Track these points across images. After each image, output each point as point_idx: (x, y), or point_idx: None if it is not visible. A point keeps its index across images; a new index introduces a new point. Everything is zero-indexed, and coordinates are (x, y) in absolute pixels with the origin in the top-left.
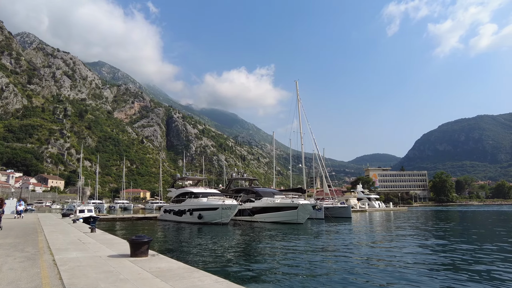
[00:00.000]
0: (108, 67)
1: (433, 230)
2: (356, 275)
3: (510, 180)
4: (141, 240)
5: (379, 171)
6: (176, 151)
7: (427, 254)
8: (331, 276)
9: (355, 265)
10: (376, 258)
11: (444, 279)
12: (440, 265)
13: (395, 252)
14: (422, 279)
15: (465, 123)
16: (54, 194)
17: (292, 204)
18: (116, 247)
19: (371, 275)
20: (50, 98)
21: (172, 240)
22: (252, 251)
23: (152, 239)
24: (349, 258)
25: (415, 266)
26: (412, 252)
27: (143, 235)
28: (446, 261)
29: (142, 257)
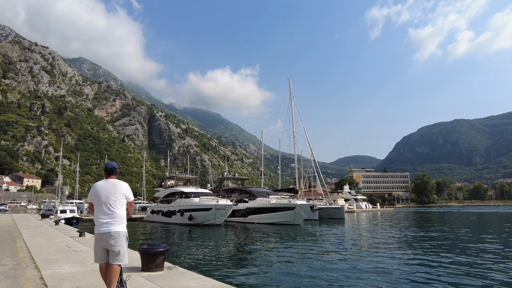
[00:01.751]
0: (89, 64)
1: (434, 232)
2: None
3: (484, 182)
4: (155, 249)
5: (362, 172)
6: (158, 151)
7: (441, 257)
8: (337, 283)
9: (365, 271)
10: (387, 263)
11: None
12: (455, 268)
13: (403, 255)
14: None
15: (443, 126)
16: (30, 194)
17: (289, 204)
18: None
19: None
20: (27, 93)
21: (158, 241)
22: (252, 255)
23: (169, 248)
24: (358, 264)
25: (427, 270)
26: (422, 254)
27: (156, 242)
28: (460, 263)
29: (158, 271)
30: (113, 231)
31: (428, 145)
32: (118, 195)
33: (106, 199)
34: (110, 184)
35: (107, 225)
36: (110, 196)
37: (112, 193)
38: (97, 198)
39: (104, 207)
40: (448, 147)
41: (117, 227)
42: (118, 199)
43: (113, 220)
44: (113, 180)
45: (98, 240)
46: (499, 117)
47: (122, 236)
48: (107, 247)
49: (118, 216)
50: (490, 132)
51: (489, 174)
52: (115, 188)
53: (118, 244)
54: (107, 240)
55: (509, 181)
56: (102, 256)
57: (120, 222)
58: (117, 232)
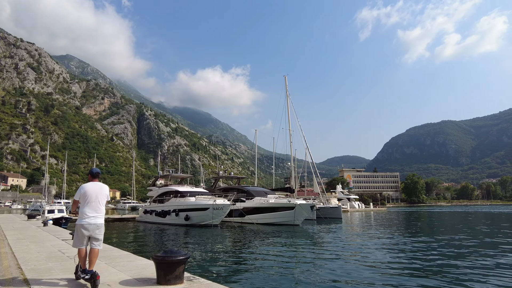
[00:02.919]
0: (77, 61)
1: (435, 232)
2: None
3: (470, 182)
4: (174, 258)
5: (353, 172)
6: (148, 150)
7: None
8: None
9: (375, 275)
10: (397, 266)
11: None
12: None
13: (413, 258)
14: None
15: (430, 127)
16: (15, 193)
17: (288, 204)
18: (121, 263)
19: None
20: (12, 90)
21: (157, 245)
22: (257, 258)
23: (190, 255)
24: (367, 267)
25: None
26: (433, 256)
27: (174, 249)
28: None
29: (177, 284)
30: (99, 223)
31: (416, 145)
32: (104, 196)
33: (96, 198)
34: (98, 186)
35: (94, 218)
36: (99, 196)
37: (100, 193)
38: (87, 197)
39: (93, 205)
40: (436, 148)
41: (101, 220)
42: (104, 198)
43: (99, 214)
44: (99, 183)
45: (85, 229)
46: (484, 119)
47: (103, 227)
48: (92, 235)
49: (102, 211)
50: (476, 133)
51: (475, 174)
52: (102, 190)
53: (101, 233)
54: (93, 230)
55: (493, 181)
56: (85, 242)
57: (103, 216)
58: (101, 223)
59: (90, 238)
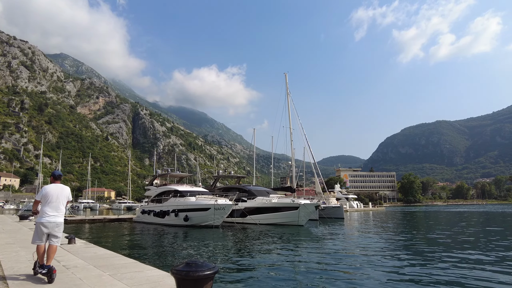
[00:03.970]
0: (71, 60)
1: (442, 232)
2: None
3: (464, 181)
4: (202, 273)
5: (350, 172)
6: (143, 149)
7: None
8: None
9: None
10: (411, 268)
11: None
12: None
13: (426, 259)
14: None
15: (425, 127)
16: (8, 193)
17: (292, 204)
18: (128, 275)
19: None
20: (5, 89)
21: (160, 247)
22: (261, 260)
23: (218, 268)
24: (382, 271)
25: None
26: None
27: (199, 260)
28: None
29: None
30: (58, 221)
31: (411, 145)
32: (64, 196)
33: (56, 199)
34: (59, 187)
35: (54, 217)
36: (59, 196)
37: (61, 194)
38: (49, 198)
39: (54, 204)
40: (430, 148)
41: (61, 219)
42: (64, 199)
43: (58, 214)
44: (60, 184)
45: (45, 226)
46: (478, 119)
47: (62, 225)
48: (51, 232)
49: (62, 211)
50: (470, 133)
51: (469, 174)
52: (63, 191)
53: (60, 231)
54: (53, 228)
55: (487, 180)
56: (44, 238)
57: (62, 215)
58: (61, 222)
59: (49, 235)
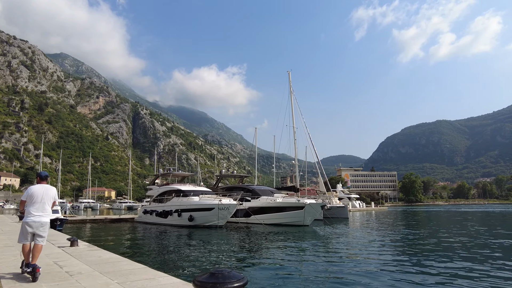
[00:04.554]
0: (71, 60)
1: (452, 232)
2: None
3: (465, 181)
4: (230, 285)
5: (351, 171)
6: (143, 149)
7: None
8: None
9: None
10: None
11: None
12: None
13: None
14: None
15: (425, 127)
16: (8, 193)
17: (298, 204)
18: (138, 283)
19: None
20: (5, 89)
21: (166, 249)
22: (267, 261)
23: (247, 279)
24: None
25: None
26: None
27: (225, 269)
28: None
29: None
30: (43, 221)
31: (411, 145)
32: (50, 197)
33: (41, 199)
34: (45, 188)
35: (39, 217)
36: (45, 196)
37: (46, 195)
38: (34, 198)
39: (39, 205)
40: (431, 147)
41: (46, 218)
42: (50, 199)
43: (44, 214)
44: (46, 185)
45: (30, 226)
46: (478, 119)
47: (48, 224)
48: (36, 232)
49: (47, 211)
50: (470, 133)
51: (469, 173)
52: (48, 191)
53: (45, 230)
54: (37, 227)
55: (488, 180)
56: (29, 238)
57: (48, 215)
58: (46, 222)
59: (35, 235)
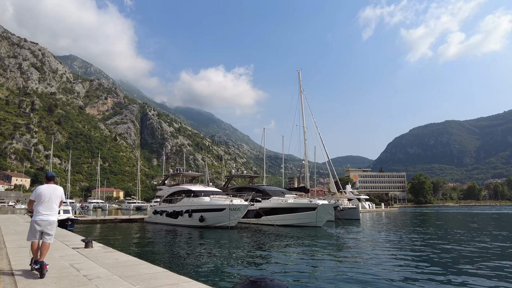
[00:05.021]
0: (80, 61)
1: (474, 233)
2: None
3: (475, 182)
4: None
5: (359, 172)
6: (151, 150)
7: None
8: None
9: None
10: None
11: None
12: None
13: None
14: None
15: (434, 127)
16: (19, 193)
17: (310, 204)
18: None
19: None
20: (16, 90)
21: (181, 250)
22: (282, 264)
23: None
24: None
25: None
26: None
27: (267, 276)
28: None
29: None
30: (51, 220)
31: (419, 145)
32: (57, 196)
33: (49, 198)
34: (52, 188)
35: (47, 216)
36: (52, 196)
37: (53, 194)
38: (42, 197)
39: (47, 204)
40: (439, 148)
41: (54, 217)
42: (57, 199)
43: (51, 213)
44: (53, 185)
45: (38, 225)
46: (488, 119)
47: (55, 223)
48: (45, 230)
49: (55, 210)
50: (480, 133)
51: (479, 174)
52: (56, 191)
53: (53, 229)
54: (45, 226)
55: (499, 181)
56: (37, 236)
57: (55, 214)
58: (54, 220)
59: (43, 233)
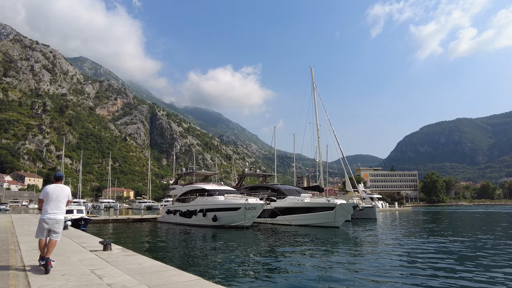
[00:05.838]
0: (90, 63)
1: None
2: None
3: (488, 181)
4: None
5: (370, 171)
6: (160, 150)
7: None
8: None
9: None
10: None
11: None
12: None
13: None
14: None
15: (445, 125)
16: (32, 193)
17: (328, 204)
18: None
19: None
20: (28, 92)
21: (204, 252)
22: (303, 267)
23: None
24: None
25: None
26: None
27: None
28: None
29: None
30: (58, 218)
31: (430, 144)
32: (64, 196)
33: (56, 198)
34: (59, 187)
35: (54, 214)
36: (59, 195)
37: (60, 194)
38: (49, 197)
39: (54, 203)
40: (451, 146)
41: (60, 216)
42: (64, 198)
43: (58, 211)
44: (61, 184)
45: (46, 223)
46: (502, 116)
47: (62, 222)
48: (52, 228)
49: (62, 209)
50: (493, 131)
51: (493, 173)
52: (63, 191)
53: (59, 227)
54: (53, 224)
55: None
56: (45, 233)
57: (62, 213)
58: (60, 219)
59: (50, 231)
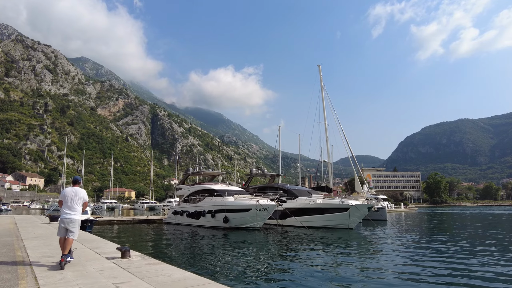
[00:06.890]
0: (91, 63)
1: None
2: None
3: (490, 181)
4: None
5: (373, 171)
6: (161, 150)
7: None
8: None
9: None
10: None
11: None
12: None
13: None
14: None
15: (446, 126)
16: (33, 193)
17: (341, 205)
18: None
19: None
20: (30, 92)
21: (224, 257)
22: (319, 272)
23: None
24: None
25: None
26: None
27: None
28: None
29: None
30: (73, 218)
31: (431, 145)
32: (78, 198)
33: (71, 199)
34: (74, 190)
35: (69, 215)
36: (74, 197)
37: (75, 196)
38: (65, 198)
39: (69, 204)
40: (452, 147)
41: (75, 216)
42: (79, 200)
43: (73, 212)
44: (77, 187)
45: (63, 223)
46: (503, 117)
47: (77, 222)
48: (68, 227)
49: (76, 210)
50: (495, 131)
51: (494, 174)
52: (77, 193)
53: (75, 226)
54: (68, 223)
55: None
56: (63, 232)
57: (77, 214)
58: (75, 219)
59: (67, 230)
